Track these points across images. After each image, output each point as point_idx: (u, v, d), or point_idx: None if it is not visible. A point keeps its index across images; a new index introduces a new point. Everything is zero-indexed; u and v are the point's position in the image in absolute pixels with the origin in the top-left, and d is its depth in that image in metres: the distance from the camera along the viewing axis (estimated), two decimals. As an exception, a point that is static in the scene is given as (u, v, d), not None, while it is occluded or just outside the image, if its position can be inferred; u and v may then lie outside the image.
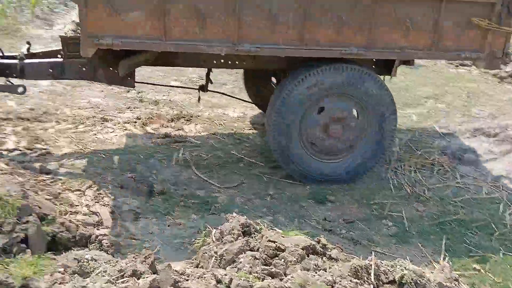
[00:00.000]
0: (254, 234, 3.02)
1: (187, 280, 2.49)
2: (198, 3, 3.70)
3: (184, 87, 5.88)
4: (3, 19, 8.46)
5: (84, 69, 4.29)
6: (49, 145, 4.62)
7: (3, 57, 4.41)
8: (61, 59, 4.33)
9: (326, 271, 2.69)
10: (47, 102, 5.59)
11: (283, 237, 2.95)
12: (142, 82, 5.18)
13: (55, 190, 3.75)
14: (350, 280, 2.59)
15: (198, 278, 2.51)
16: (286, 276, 2.62)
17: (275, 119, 4.25)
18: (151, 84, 5.52)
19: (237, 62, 4.52)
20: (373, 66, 4.63)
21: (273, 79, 5.52)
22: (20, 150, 4.46)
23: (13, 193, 3.20)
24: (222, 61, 4.50)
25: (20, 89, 4.34)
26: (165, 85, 5.87)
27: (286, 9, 3.82)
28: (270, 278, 2.61)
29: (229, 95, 5.64)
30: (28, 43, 4.75)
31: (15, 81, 4.44)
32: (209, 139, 5.16)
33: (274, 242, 2.84)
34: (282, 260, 2.74)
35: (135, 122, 5.37)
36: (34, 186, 3.66)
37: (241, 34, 3.82)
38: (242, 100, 5.66)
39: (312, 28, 3.90)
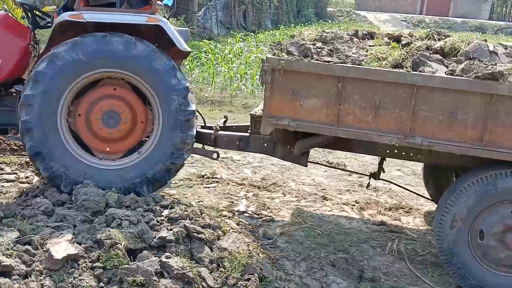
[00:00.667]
0: None
1: None
2: (374, 95, 3.77)
3: (356, 172, 5.82)
4: (251, 99, 9.79)
5: (265, 144, 4.66)
6: (273, 213, 5.05)
7: (204, 127, 5.07)
8: (247, 134, 4.77)
9: None
10: (277, 174, 6.16)
11: None
12: (315, 163, 5.36)
13: (274, 255, 4.05)
14: None
15: None
16: None
17: (445, 263, 3.98)
18: (323, 165, 5.67)
19: (411, 154, 4.37)
20: None
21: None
22: (249, 213, 4.97)
23: (241, 251, 3.58)
24: (396, 151, 4.41)
25: (214, 155, 4.86)
26: (337, 168, 5.85)
27: (466, 108, 3.62)
28: None
29: (403, 187, 5.38)
30: (225, 117, 5.40)
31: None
32: (426, 234, 4.94)
33: None
34: None
35: (353, 205, 5.49)
36: (257, 248, 4.01)
37: (414, 127, 3.75)
38: (419, 195, 5.35)
39: (495, 129, 3.60)
